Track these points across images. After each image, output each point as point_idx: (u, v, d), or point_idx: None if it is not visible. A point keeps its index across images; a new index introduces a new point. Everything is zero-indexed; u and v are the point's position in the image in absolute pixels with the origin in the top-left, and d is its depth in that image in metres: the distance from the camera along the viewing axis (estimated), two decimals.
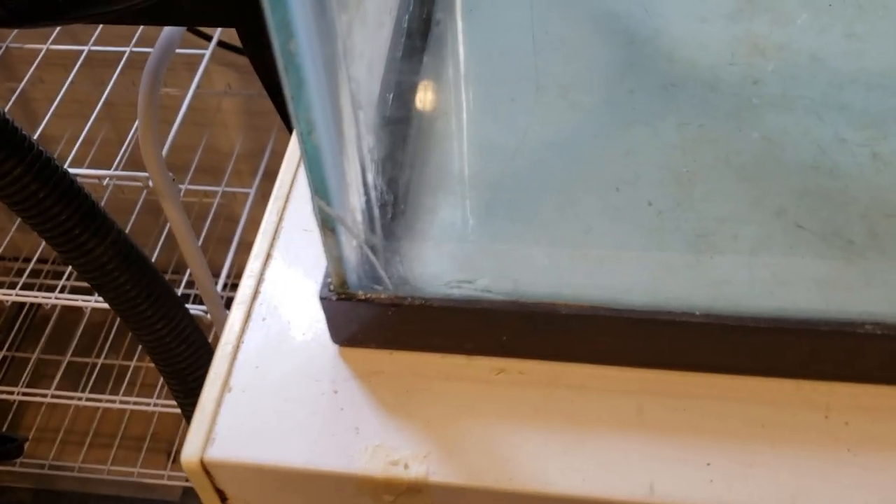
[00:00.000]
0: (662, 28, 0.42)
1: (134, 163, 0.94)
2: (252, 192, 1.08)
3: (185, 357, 0.70)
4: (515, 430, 0.30)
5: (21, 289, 0.97)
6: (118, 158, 0.90)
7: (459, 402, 0.31)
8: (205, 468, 0.30)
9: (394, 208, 0.30)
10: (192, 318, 0.69)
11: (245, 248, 1.17)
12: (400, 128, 0.31)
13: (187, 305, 0.70)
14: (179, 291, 1.15)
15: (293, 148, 0.36)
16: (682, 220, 0.34)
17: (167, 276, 1.36)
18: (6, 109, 0.51)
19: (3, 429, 1.37)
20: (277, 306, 0.34)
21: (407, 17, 0.35)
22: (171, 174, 0.77)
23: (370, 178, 0.27)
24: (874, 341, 0.29)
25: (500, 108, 0.35)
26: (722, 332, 0.29)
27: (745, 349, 0.30)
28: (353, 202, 0.28)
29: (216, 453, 0.30)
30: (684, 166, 0.36)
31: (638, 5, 0.43)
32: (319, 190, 0.27)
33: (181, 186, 1.07)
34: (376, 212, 0.29)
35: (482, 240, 0.31)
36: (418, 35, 0.36)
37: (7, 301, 0.93)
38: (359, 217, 0.28)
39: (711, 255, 0.33)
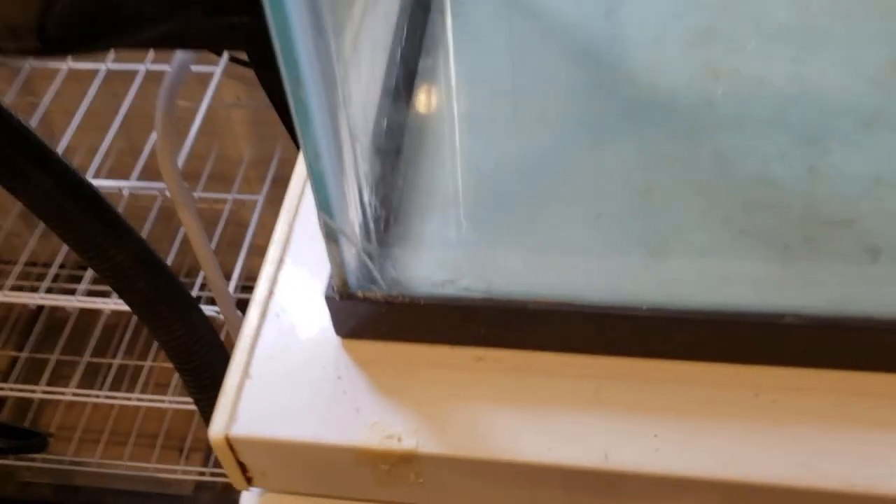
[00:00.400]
0: (629, 55, 0.47)
1: (148, 170, 0.99)
2: (261, 198, 1.13)
3: (200, 355, 0.73)
4: (492, 409, 0.35)
5: (39, 292, 1.02)
6: (135, 169, 0.95)
7: (445, 385, 0.36)
8: (229, 443, 0.35)
9: (386, 221, 0.35)
10: (207, 319, 0.73)
11: (255, 250, 1.22)
12: (391, 154, 0.36)
13: (201, 306, 0.74)
14: (194, 293, 1.20)
15: (300, 168, 0.41)
16: (639, 228, 0.39)
17: (182, 278, 1.42)
18: (30, 124, 0.55)
19: (26, 426, 1.42)
20: (289, 305, 0.39)
21: (397, 70, 0.40)
22: (186, 185, 0.82)
23: (366, 196, 0.32)
24: (795, 330, 0.34)
25: (481, 129, 0.41)
26: (667, 324, 0.34)
27: (687, 339, 0.35)
28: (352, 216, 0.33)
29: (238, 431, 0.35)
30: (643, 180, 0.41)
31: (607, 34, 0.48)
32: (324, 207, 0.32)
33: (194, 194, 1.12)
34: (371, 224, 0.34)
35: (462, 246, 0.36)
36: (407, 74, 0.41)
37: (32, 305, 0.99)
38: (357, 229, 0.33)
39: (664, 258, 0.38)
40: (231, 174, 1.32)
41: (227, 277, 1.04)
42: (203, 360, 0.75)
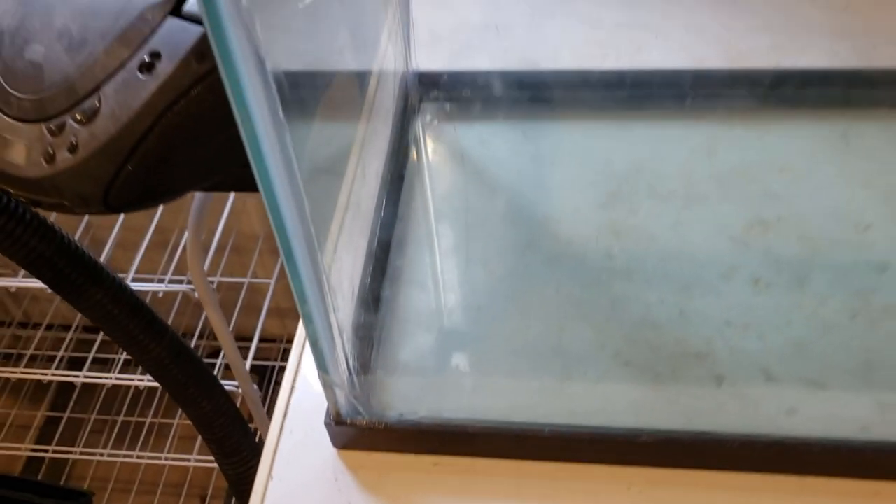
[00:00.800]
0: (552, 217, 0.62)
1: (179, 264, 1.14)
2: (272, 282, 1.28)
3: (223, 427, 0.87)
4: (445, 501, 0.50)
5: (82, 370, 1.17)
6: (169, 269, 1.10)
7: (411, 484, 0.50)
8: None
9: (366, 373, 0.50)
10: (229, 395, 0.87)
11: (269, 314, 1.36)
12: (367, 336, 0.52)
13: (221, 381, 0.88)
14: (217, 361, 1.35)
15: (301, 331, 0.57)
16: (551, 361, 0.54)
17: (204, 339, 1.57)
18: (76, 238, 0.68)
19: (62, 482, 1.56)
20: (299, 424, 0.54)
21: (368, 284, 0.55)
22: (211, 284, 0.97)
23: (351, 361, 0.47)
24: (651, 443, 0.48)
25: (434, 301, 0.56)
26: (563, 439, 0.49)
27: (578, 448, 0.49)
28: (342, 371, 0.48)
29: None
30: (557, 320, 0.56)
31: (536, 201, 0.63)
32: (321, 366, 0.47)
33: (214, 280, 1.27)
34: (355, 376, 0.49)
35: (419, 387, 0.51)
36: (377, 277, 0.56)
37: (77, 382, 1.14)
38: (345, 379, 0.48)
39: (567, 385, 0.53)
40: (248, 248, 1.48)
41: (246, 339, 1.17)
42: (226, 431, 0.88)
